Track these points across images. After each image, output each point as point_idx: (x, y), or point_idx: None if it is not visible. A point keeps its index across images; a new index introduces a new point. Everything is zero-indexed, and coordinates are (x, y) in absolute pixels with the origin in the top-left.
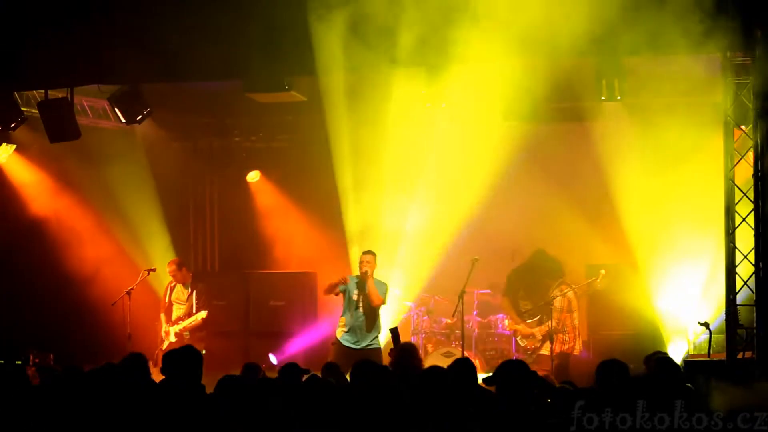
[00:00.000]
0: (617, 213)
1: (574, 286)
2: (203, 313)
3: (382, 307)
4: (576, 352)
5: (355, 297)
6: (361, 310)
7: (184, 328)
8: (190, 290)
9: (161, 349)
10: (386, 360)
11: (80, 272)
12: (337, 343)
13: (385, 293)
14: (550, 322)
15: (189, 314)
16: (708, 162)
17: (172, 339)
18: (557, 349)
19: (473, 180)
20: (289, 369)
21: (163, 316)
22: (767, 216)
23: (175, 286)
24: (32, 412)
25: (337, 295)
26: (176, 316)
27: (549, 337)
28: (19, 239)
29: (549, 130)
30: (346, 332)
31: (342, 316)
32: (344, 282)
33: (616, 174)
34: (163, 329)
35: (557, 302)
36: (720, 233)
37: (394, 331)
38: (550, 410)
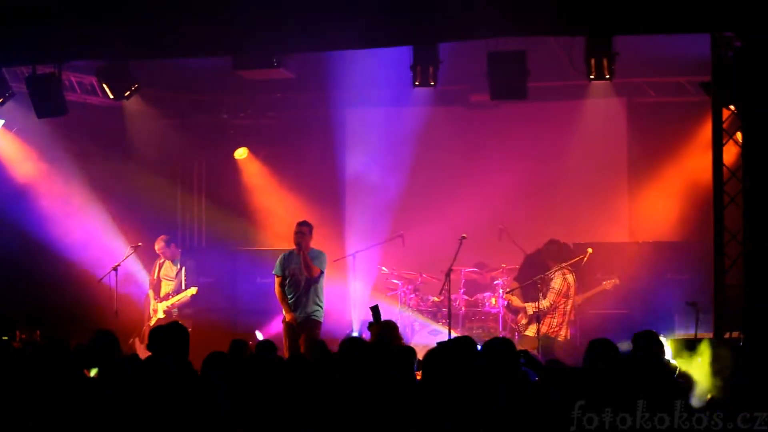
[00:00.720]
0: (607, 191)
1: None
2: (193, 290)
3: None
4: (561, 338)
5: (291, 271)
6: (297, 283)
7: (172, 304)
8: (179, 267)
9: (149, 325)
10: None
11: (67, 248)
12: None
13: (322, 262)
14: (542, 300)
15: (178, 291)
16: (697, 142)
17: (161, 315)
18: (543, 331)
19: (461, 158)
20: (266, 346)
21: (151, 293)
22: (755, 195)
23: (164, 262)
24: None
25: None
26: (165, 292)
27: (536, 317)
28: (4, 215)
29: (537, 108)
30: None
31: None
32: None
33: (605, 152)
34: (152, 306)
35: (556, 284)
36: (709, 212)
37: (375, 309)
38: (541, 390)
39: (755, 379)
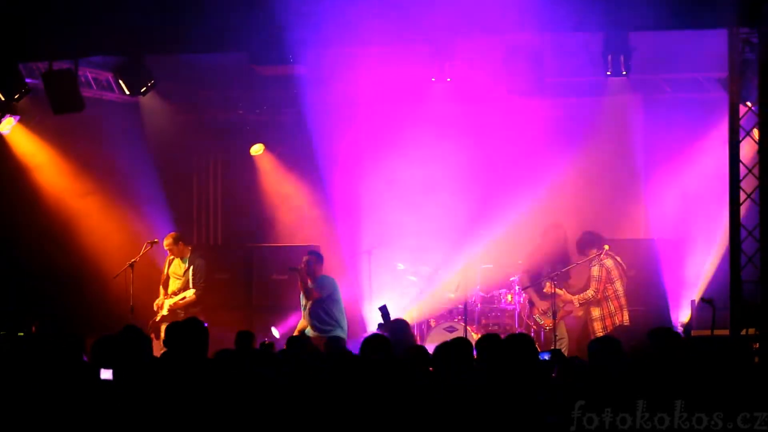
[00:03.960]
0: (622, 187)
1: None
2: (190, 292)
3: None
4: (619, 321)
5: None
6: (304, 305)
7: (174, 304)
8: (187, 265)
9: (154, 320)
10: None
11: (83, 245)
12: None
13: (323, 287)
14: (588, 291)
15: (184, 289)
16: (713, 138)
17: (165, 312)
18: (607, 321)
19: (474, 152)
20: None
21: (161, 289)
22: None
23: (173, 259)
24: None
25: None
26: (172, 290)
27: (553, 313)
28: (21, 211)
29: (552, 104)
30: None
31: None
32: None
33: (621, 148)
34: (158, 301)
35: (594, 272)
36: (725, 209)
37: (383, 309)
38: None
39: (755, 379)
